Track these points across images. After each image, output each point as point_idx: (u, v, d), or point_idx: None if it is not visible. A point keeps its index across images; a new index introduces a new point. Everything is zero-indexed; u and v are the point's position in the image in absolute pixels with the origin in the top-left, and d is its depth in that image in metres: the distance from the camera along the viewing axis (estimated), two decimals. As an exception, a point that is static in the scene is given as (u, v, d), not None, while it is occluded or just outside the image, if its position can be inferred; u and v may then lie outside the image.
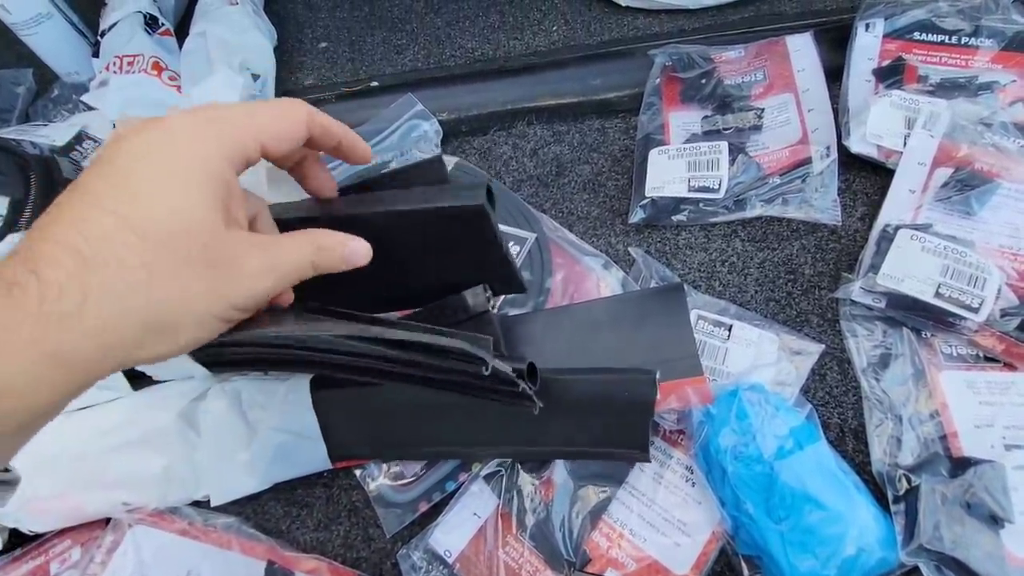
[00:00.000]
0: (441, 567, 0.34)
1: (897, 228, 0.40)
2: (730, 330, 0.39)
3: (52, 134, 0.58)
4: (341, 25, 0.71)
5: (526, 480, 0.35)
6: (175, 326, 0.21)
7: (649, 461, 0.34)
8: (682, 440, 0.36)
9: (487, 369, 0.25)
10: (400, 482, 0.37)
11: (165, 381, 0.39)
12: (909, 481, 0.33)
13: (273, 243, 0.24)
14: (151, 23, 0.61)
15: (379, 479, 0.37)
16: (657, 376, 0.32)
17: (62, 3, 0.63)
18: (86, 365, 0.20)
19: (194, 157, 0.22)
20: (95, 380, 0.20)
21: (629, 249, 0.44)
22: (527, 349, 0.37)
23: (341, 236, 0.26)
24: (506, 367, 0.26)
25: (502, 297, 0.41)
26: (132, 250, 0.19)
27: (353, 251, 0.26)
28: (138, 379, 0.39)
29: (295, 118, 0.25)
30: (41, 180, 0.50)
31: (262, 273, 0.23)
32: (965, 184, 0.41)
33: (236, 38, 0.59)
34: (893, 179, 0.44)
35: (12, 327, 0.18)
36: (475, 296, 0.35)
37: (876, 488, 0.34)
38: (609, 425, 0.33)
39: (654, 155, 0.47)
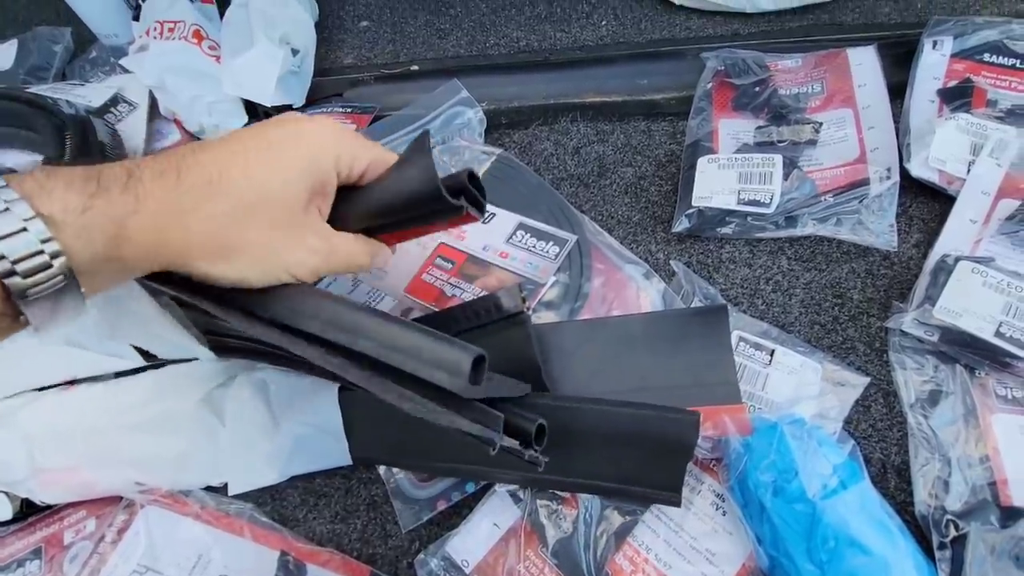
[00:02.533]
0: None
1: (957, 259, 0.38)
2: (772, 355, 0.37)
3: (88, 94, 0.58)
4: (384, 5, 0.69)
5: (551, 495, 0.34)
6: (233, 258, 0.27)
7: (679, 506, 0.32)
8: (713, 465, 0.35)
9: (494, 449, 0.26)
10: (420, 478, 0.36)
11: (173, 361, 0.38)
12: (957, 528, 0.31)
13: (336, 236, 0.30)
14: (193, -10, 0.60)
15: (399, 473, 0.37)
16: (700, 418, 0.30)
17: (105, -36, 0.62)
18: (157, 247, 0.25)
19: (306, 155, 0.28)
20: (154, 264, 0.26)
21: (671, 262, 0.43)
22: (559, 360, 0.35)
23: (387, 252, 0.34)
24: (513, 443, 0.27)
25: (536, 300, 0.39)
26: (232, 197, 0.26)
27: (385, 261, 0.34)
28: (148, 355, 0.38)
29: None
30: (76, 140, 0.50)
31: (315, 252, 0.29)
32: (1033, 218, 0.39)
33: (278, 11, 0.58)
34: (954, 207, 0.42)
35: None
36: (510, 297, 0.33)
37: (917, 529, 0.33)
38: (642, 463, 0.31)
39: (703, 163, 0.45)
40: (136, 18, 0.61)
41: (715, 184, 0.44)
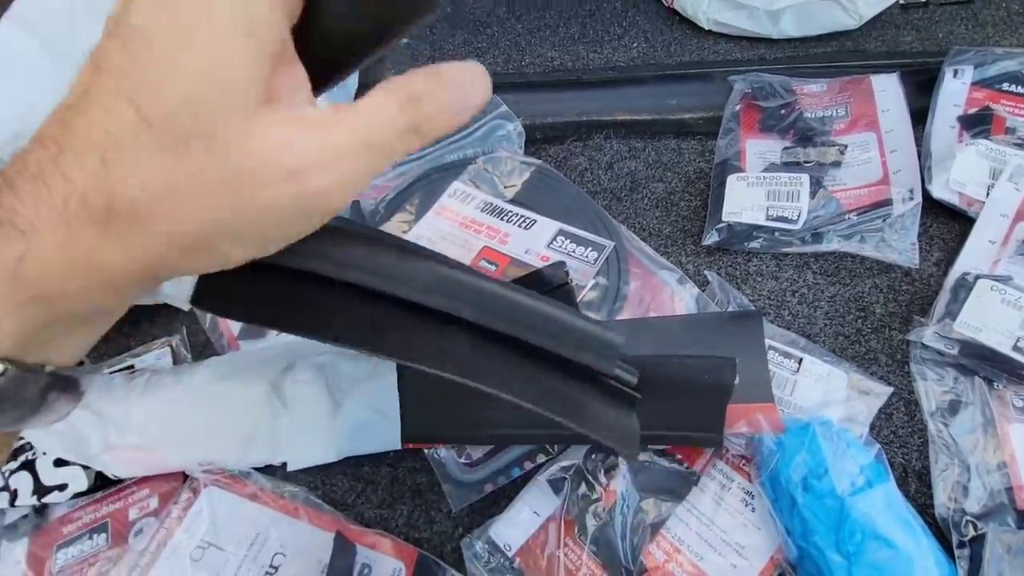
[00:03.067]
0: (502, 559, 0.35)
1: (977, 278, 0.40)
2: (800, 363, 0.39)
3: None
4: (424, 23, 0.72)
5: (590, 486, 0.36)
6: (209, 246, 0.16)
7: (721, 444, 0.34)
8: (744, 465, 0.37)
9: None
10: (467, 462, 0.39)
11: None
12: (975, 528, 0.33)
13: (333, 120, 0.16)
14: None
15: (447, 459, 0.39)
16: (736, 362, 0.32)
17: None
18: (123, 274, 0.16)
19: (236, 9, 0.15)
20: (137, 287, 0.17)
21: (705, 272, 0.45)
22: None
23: (446, 72, 0.18)
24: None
25: (577, 300, 0.42)
26: (152, 162, 0.15)
27: (469, 92, 0.18)
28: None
29: None
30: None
31: (344, 151, 0.16)
32: (1050, 240, 0.41)
33: (328, 27, 0.61)
34: (973, 228, 0.44)
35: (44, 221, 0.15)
36: (553, 270, 0.36)
37: (937, 530, 0.34)
38: (684, 408, 0.33)
39: (733, 181, 0.48)
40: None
41: (744, 201, 0.46)
